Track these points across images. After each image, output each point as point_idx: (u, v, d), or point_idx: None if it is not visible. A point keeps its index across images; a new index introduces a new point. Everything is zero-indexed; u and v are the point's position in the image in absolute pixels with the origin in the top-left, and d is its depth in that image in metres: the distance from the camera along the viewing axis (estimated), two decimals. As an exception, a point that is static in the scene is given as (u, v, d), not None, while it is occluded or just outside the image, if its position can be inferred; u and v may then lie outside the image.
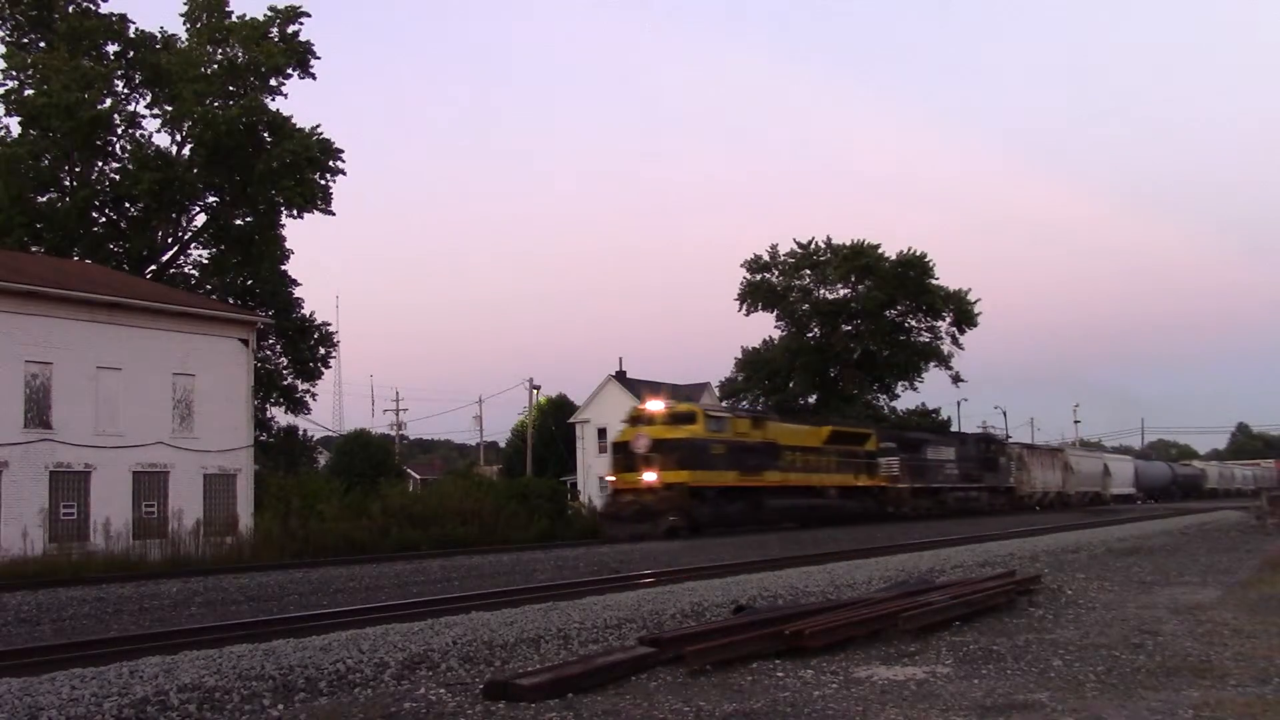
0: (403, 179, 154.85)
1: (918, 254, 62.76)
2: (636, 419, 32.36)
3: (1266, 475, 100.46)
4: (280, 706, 6.78)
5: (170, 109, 42.88)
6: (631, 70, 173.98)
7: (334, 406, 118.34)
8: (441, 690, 7.13)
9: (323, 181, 43.96)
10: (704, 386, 71.20)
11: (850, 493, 37.81)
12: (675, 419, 31.69)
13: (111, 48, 43.18)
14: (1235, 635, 9.28)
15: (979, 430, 62.45)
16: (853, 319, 64.23)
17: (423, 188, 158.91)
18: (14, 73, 40.94)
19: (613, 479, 32.09)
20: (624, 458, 31.02)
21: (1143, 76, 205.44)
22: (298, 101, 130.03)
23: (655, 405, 32.64)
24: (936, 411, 68.15)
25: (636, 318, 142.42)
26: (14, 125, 41.23)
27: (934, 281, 63.07)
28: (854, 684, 7.23)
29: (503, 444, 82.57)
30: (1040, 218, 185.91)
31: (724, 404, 58.75)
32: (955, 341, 64.63)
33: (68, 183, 41.87)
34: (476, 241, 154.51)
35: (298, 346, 43.46)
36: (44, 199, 41.56)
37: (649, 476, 29.73)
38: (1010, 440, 57.92)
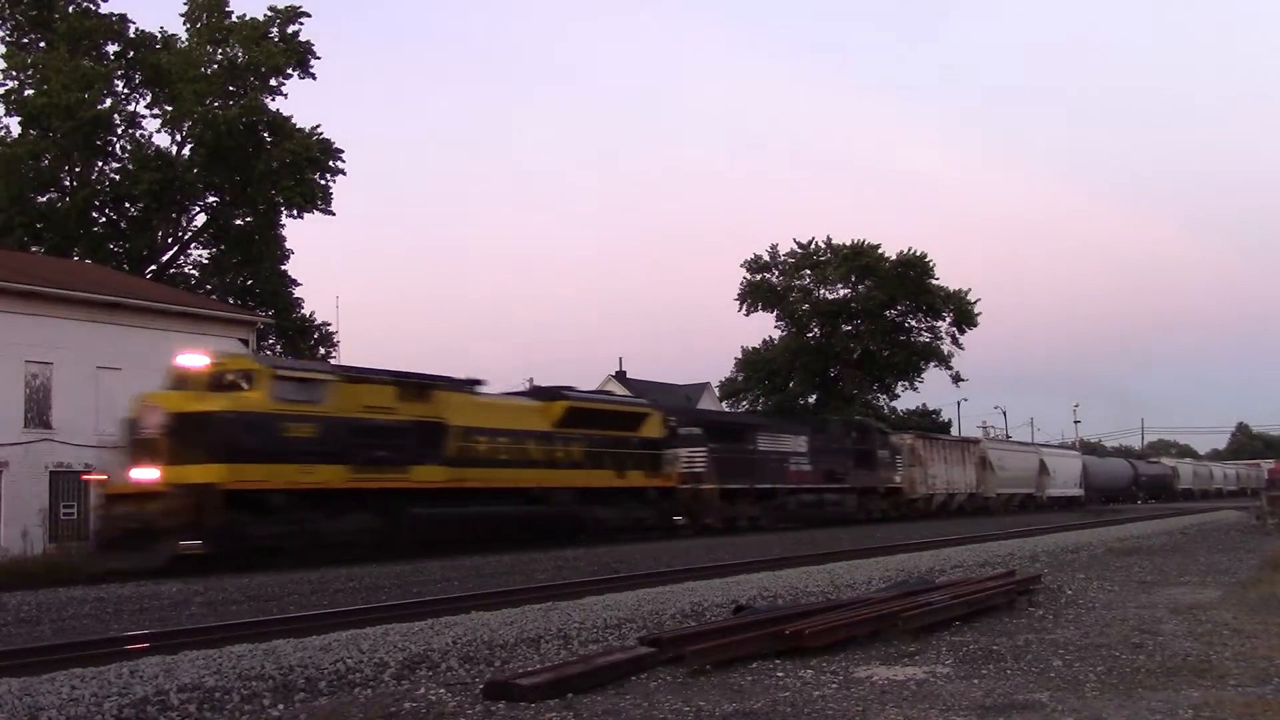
0: (403, 179, 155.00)
1: (918, 254, 62.84)
2: (172, 384, 20.33)
3: (1251, 475, 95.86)
4: (280, 706, 6.78)
5: (170, 109, 42.92)
6: (632, 70, 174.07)
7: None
8: (441, 690, 7.13)
9: (323, 181, 44.01)
10: (704, 386, 71.23)
11: (607, 496, 26.38)
12: (218, 382, 19.79)
13: (111, 48, 43.22)
14: (1235, 635, 9.28)
15: (858, 418, 48.14)
16: (853, 319, 64.27)
17: (423, 188, 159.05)
18: (14, 73, 41.02)
19: (102, 479, 21.31)
20: (134, 445, 19.32)
21: (1143, 76, 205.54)
22: (298, 101, 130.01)
23: (195, 360, 20.50)
24: (937, 412, 68.23)
25: (636, 318, 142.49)
26: (14, 125, 41.33)
27: (934, 281, 63.14)
28: (854, 684, 7.23)
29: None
30: (1040, 218, 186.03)
31: (324, 362, 36.67)
32: (955, 341, 64.72)
33: (68, 183, 41.90)
34: (476, 241, 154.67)
35: (298, 346, 43.47)
36: (44, 199, 41.60)
37: (147, 474, 18.57)
38: (907, 432, 46.16)
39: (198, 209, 44.75)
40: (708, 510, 30.16)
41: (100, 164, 42.72)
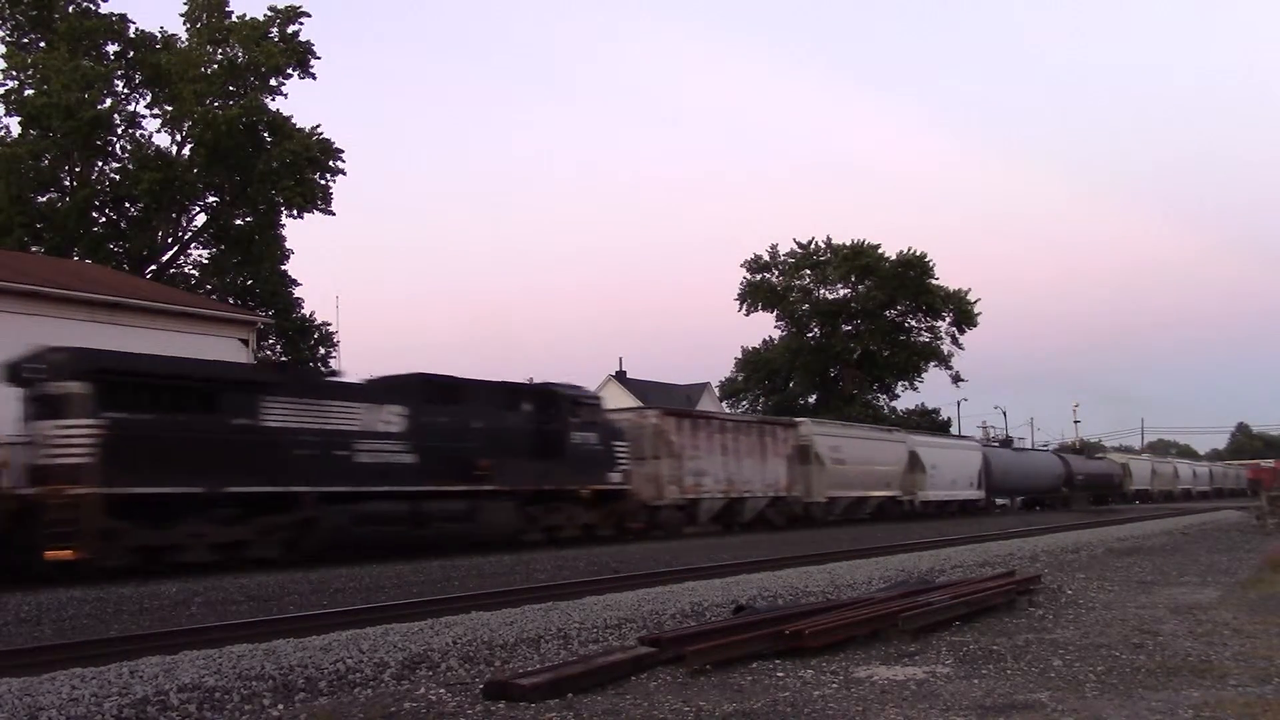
0: (403, 179, 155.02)
1: (918, 254, 62.87)
2: None
3: (1229, 475, 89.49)
4: (280, 706, 6.78)
5: (170, 109, 42.93)
6: (632, 70, 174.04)
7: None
8: (441, 690, 7.13)
9: (323, 181, 44.01)
10: (704, 386, 71.25)
11: None
12: None
13: (111, 48, 43.22)
14: (1235, 635, 9.28)
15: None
16: (853, 319, 64.30)
17: (423, 187, 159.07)
18: (14, 73, 41.00)
19: None
20: None
21: (1143, 75, 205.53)
22: (298, 101, 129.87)
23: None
24: (936, 411, 68.19)
25: (636, 318, 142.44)
26: (14, 125, 41.33)
27: (934, 281, 63.18)
28: (854, 684, 7.24)
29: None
30: (1040, 218, 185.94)
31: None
32: (955, 341, 64.77)
33: (68, 183, 41.90)
34: (476, 241, 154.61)
35: (298, 346, 43.47)
36: (44, 199, 41.59)
37: None
38: (651, 408, 32.25)
39: (198, 209, 44.79)
40: (81, 535, 15.21)
41: (100, 164, 42.73)
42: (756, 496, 31.57)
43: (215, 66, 43.26)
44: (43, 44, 41.98)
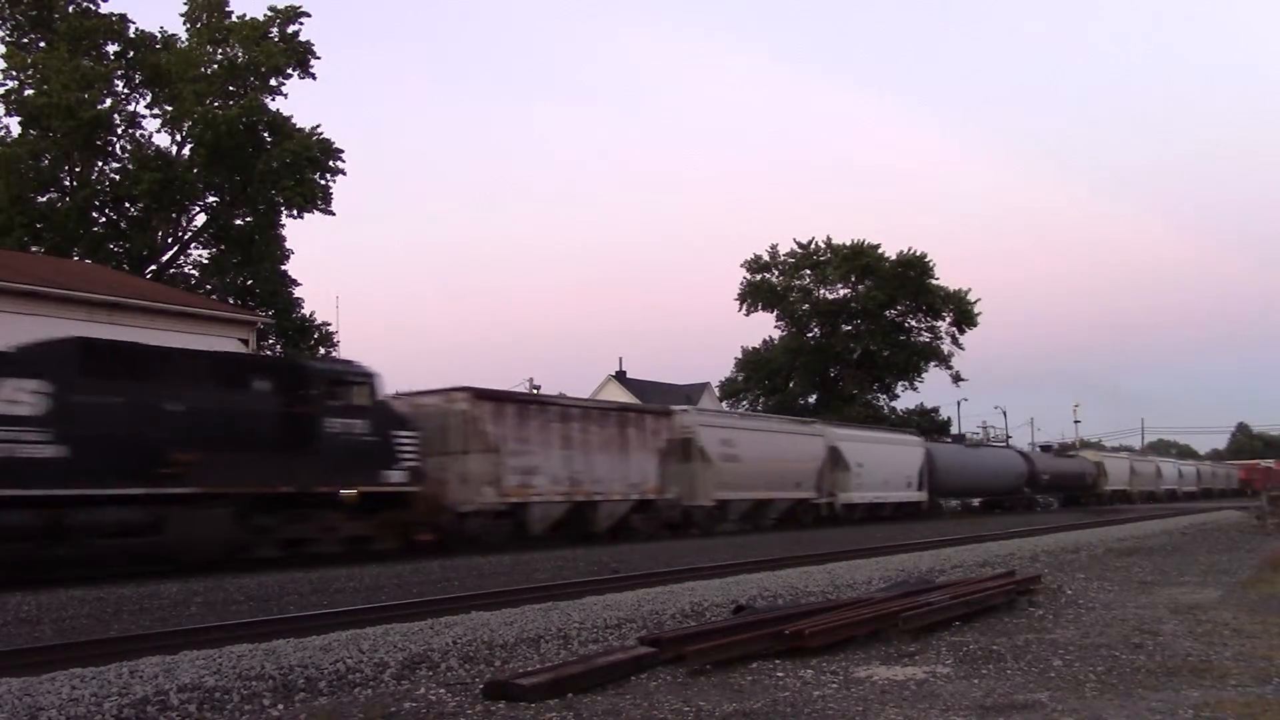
0: (403, 179, 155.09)
1: (918, 254, 62.88)
2: None
3: (1218, 475, 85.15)
4: (280, 706, 6.78)
5: (170, 109, 42.95)
6: (632, 70, 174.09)
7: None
8: (441, 690, 7.13)
9: (323, 181, 44.01)
10: (704, 386, 71.28)
11: None
12: None
13: (111, 48, 43.24)
14: (1235, 635, 9.28)
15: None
16: (853, 319, 64.31)
17: (423, 187, 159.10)
18: (14, 73, 41.02)
19: None
20: None
21: (1143, 75, 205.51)
22: (298, 101, 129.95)
23: None
24: (936, 411, 68.18)
25: (636, 317, 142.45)
26: (14, 125, 41.35)
27: (934, 281, 63.19)
28: (854, 684, 7.24)
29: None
30: (1040, 217, 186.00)
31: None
32: (955, 341, 64.76)
33: (68, 183, 41.91)
34: (477, 241, 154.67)
35: (298, 346, 43.48)
36: (44, 199, 41.60)
37: None
38: (461, 390, 23.68)
39: (198, 209, 44.81)
40: None
41: (100, 164, 42.74)
42: (614, 500, 25.96)
43: (215, 66, 43.28)
44: (43, 44, 42.01)
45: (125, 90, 43.74)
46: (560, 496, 24.47)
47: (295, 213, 43.95)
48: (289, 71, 43.96)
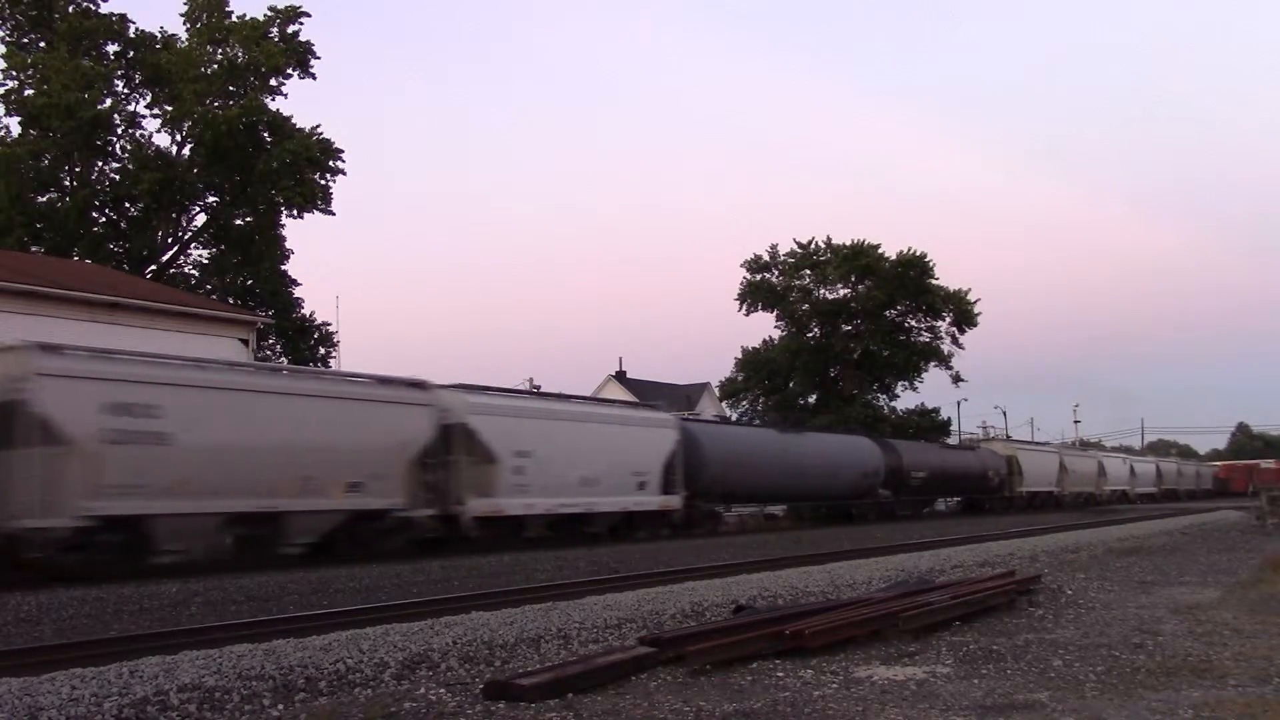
0: (403, 179, 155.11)
1: (918, 254, 62.82)
2: None
3: (1186, 474, 74.56)
4: (280, 706, 6.78)
5: (170, 109, 42.91)
6: (632, 70, 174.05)
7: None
8: (441, 690, 7.14)
9: (323, 181, 43.98)
10: (704, 386, 71.27)
11: None
12: None
13: (111, 48, 43.20)
14: (1235, 635, 9.28)
15: None
16: (853, 319, 64.25)
17: (423, 187, 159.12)
18: (14, 73, 40.99)
19: None
20: None
21: (1142, 75, 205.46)
22: (298, 101, 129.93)
23: None
24: (936, 411, 68.16)
25: (636, 317, 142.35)
26: (14, 125, 41.32)
27: (934, 281, 63.11)
28: (854, 684, 7.24)
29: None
30: (1040, 218, 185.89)
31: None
32: (955, 341, 64.63)
33: (68, 183, 41.89)
34: (477, 241, 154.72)
35: (298, 346, 43.47)
36: (44, 199, 41.58)
37: None
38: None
39: (198, 209, 44.77)
40: None
41: (100, 164, 42.71)
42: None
43: (215, 66, 43.25)
44: (43, 44, 41.98)
45: (125, 90, 43.74)
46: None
47: (295, 213, 43.93)
48: (289, 71, 43.93)
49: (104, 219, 42.94)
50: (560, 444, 24.27)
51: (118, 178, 42.27)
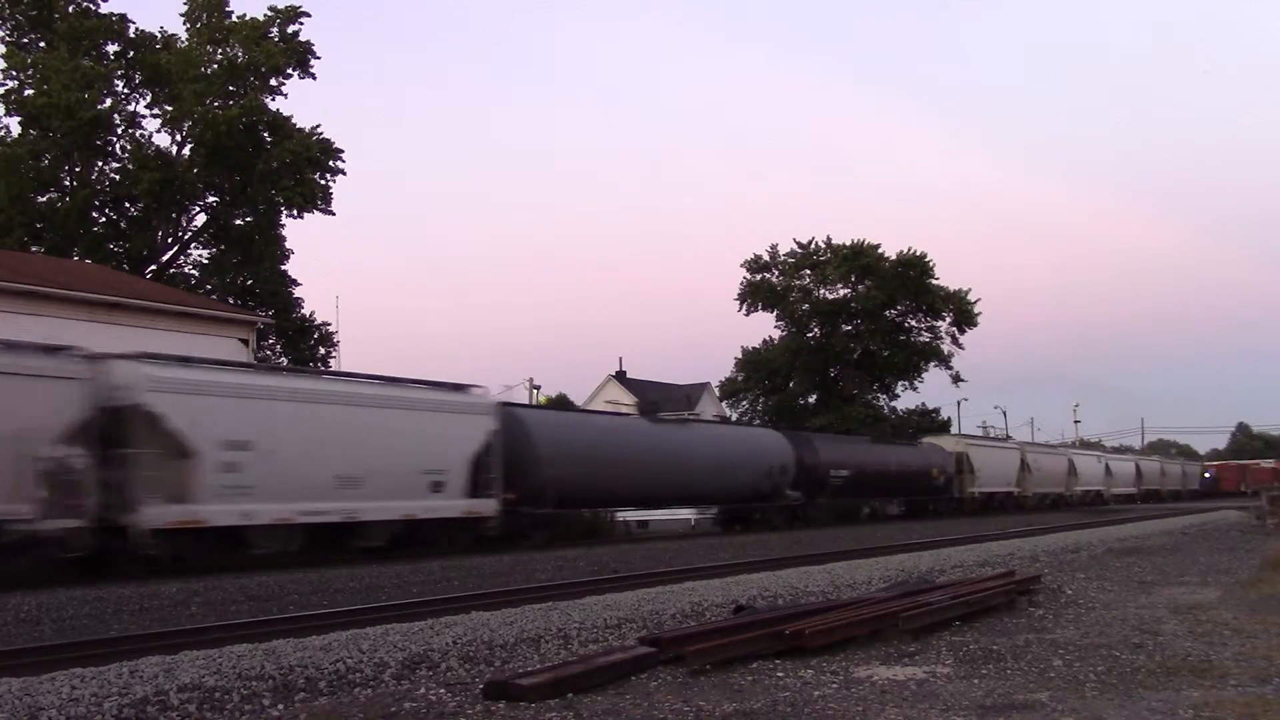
0: (403, 179, 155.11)
1: (918, 254, 62.82)
2: None
3: (1173, 474, 70.72)
4: (280, 706, 6.78)
5: (170, 109, 42.90)
6: (631, 69, 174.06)
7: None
8: (441, 690, 7.14)
9: (323, 181, 43.97)
10: (704, 386, 71.27)
11: None
12: None
13: (111, 48, 43.18)
14: (1235, 635, 9.28)
15: None
16: (853, 319, 64.25)
17: (423, 188, 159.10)
18: (14, 73, 40.98)
19: None
20: None
21: (1142, 75, 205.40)
22: (298, 101, 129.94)
23: None
24: (936, 411, 68.18)
25: (636, 317, 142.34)
26: (14, 125, 41.31)
27: (934, 281, 63.11)
28: (854, 684, 7.24)
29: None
30: (1040, 218, 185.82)
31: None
32: (955, 341, 64.63)
33: (68, 183, 41.89)
34: (477, 241, 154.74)
35: (298, 346, 43.46)
36: (44, 199, 41.57)
37: None
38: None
39: (198, 209, 44.75)
40: None
41: (100, 164, 42.70)
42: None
43: (215, 66, 43.23)
44: (43, 44, 41.97)
45: (125, 90, 43.71)
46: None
47: (295, 213, 43.91)
48: (289, 71, 43.92)
49: (104, 219, 42.94)
50: (301, 432, 18.96)
51: (118, 178, 42.27)
